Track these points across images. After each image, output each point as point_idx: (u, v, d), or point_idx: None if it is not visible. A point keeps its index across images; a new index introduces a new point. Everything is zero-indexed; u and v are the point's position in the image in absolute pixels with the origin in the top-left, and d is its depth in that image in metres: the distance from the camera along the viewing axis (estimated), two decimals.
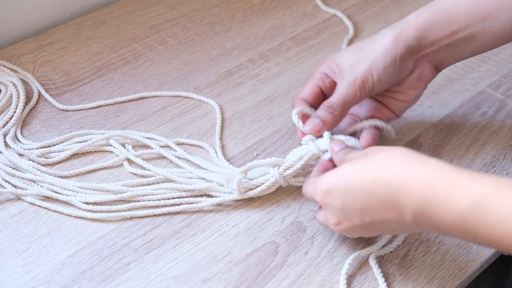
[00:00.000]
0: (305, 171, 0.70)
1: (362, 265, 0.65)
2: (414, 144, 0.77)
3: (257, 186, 0.70)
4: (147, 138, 0.77)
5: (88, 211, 0.70)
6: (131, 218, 0.70)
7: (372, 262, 0.65)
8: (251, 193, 0.70)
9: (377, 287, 0.63)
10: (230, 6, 1.00)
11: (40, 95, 0.85)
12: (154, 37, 0.95)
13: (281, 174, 0.69)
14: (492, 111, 0.81)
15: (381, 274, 0.64)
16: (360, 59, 0.68)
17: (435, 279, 0.64)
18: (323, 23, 0.97)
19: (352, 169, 0.58)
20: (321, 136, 0.70)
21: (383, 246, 0.66)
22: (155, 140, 0.77)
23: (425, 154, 0.56)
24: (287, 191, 0.72)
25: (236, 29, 0.96)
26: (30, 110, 0.83)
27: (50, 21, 0.97)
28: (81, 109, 0.83)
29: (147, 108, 0.83)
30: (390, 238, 0.66)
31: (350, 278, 0.64)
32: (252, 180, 0.70)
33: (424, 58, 0.69)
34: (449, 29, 0.67)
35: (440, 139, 0.78)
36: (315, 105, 0.73)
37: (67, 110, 0.83)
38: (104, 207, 0.70)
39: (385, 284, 0.63)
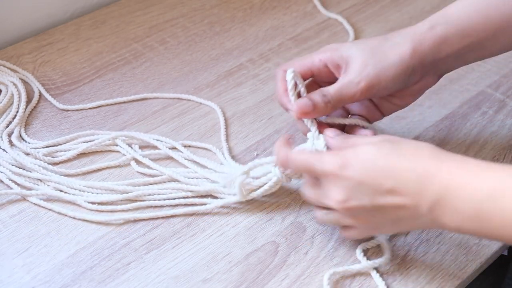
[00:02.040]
0: None
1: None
2: None
3: (260, 187, 0.69)
4: (155, 139, 0.77)
5: (94, 210, 0.70)
6: (135, 220, 0.69)
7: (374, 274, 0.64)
8: (254, 195, 0.69)
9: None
10: (230, 6, 1.00)
11: (40, 95, 0.85)
12: (154, 37, 0.95)
13: (283, 172, 0.67)
14: (492, 111, 0.81)
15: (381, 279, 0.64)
16: (371, 62, 0.66)
17: (435, 279, 0.64)
18: (323, 23, 0.97)
19: (377, 150, 0.57)
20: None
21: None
22: (162, 141, 0.77)
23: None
24: (287, 191, 0.72)
25: (236, 29, 0.96)
26: (31, 110, 0.83)
27: (50, 21, 0.97)
28: (81, 109, 0.83)
29: (147, 108, 0.83)
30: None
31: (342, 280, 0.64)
32: (254, 180, 0.69)
33: (431, 71, 0.68)
34: (462, 42, 0.67)
35: (440, 139, 0.78)
36: None
37: (67, 110, 0.83)
38: (109, 207, 0.70)
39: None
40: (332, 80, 0.68)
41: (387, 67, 0.65)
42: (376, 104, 0.71)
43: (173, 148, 0.77)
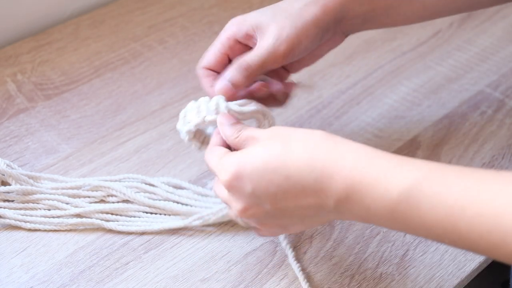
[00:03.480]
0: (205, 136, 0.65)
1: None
2: (413, 143, 0.77)
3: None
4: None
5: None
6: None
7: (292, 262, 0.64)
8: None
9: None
10: (229, 5, 1.00)
11: (39, 94, 0.85)
12: (153, 37, 0.95)
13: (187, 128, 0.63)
14: (491, 111, 0.81)
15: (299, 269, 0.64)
16: (287, 23, 0.62)
17: (434, 278, 0.64)
18: None
19: (267, 152, 0.53)
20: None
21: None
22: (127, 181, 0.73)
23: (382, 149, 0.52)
24: None
25: None
26: (29, 109, 0.83)
27: (49, 21, 0.97)
28: (80, 109, 0.83)
29: (145, 107, 0.83)
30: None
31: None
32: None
33: (341, 30, 0.67)
34: (371, 4, 0.66)
35: (439, 139, 0.78)
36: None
37: (66, 110, 0.83)
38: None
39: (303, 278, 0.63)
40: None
41: (305, 26, 0.63)
42: (285, 66, 0.68)
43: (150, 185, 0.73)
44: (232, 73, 0.63)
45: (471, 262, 0.65)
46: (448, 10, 0.71)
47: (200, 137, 0.65)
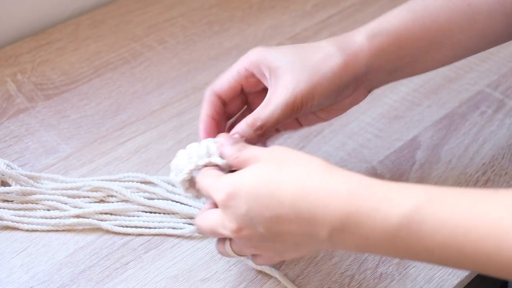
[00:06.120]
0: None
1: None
2: (413, 143, 0.77)
3: None
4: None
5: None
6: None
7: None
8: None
9: None
10: (229, 5, 1.00)
11: (39, 94, 0.85)
12: (153, 37, 0.95)
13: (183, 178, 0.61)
14: (491, 111, 0.81)
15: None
16: (303, 76, 0.59)
17: (434, 278, 0.64)
18: (322, 23, 0.97)
19: (263, 175, 0.52)
20: None
21: None
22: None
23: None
24: None
25: (235, 28, 0.96)
26: (29, 109, 0.83)
27: (49, 21, 0.97)
28: (80, 109, 0.83)
29: (146, 107, 0.83)
30: None
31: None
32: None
33: (363, 85, 0.63)
34: (397, 54, 0.61)
35: (439, 139, 0.78)
36: (230, 103, 0.65)
37: (66, 110, 0.83)
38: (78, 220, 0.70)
39: None
40: (259, 88, 0.64)
41: (321, 81, 0.59)
42: (299, 120, 0.66)
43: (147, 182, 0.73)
44: (243, 128, 0.60)
45: None
46: (480, 46, 0.66)
47: (190, 183, 0.62)
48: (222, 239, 0.59)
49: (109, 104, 0.84)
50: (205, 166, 0.59)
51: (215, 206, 0.57)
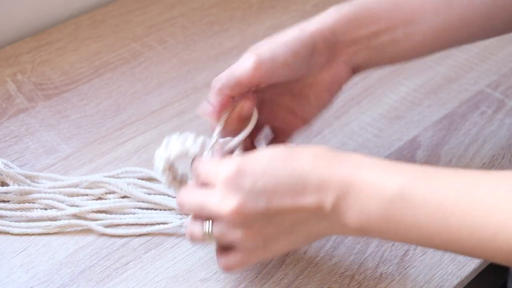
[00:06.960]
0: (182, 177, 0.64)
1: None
2: (413, 143, 0.77)
3: None
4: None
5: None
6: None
7: None
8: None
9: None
10: (229, 5, 1.00)
11: (39, 94, 0.85)
12: (153, 37, 0.95)
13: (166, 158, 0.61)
14: (491, 111, 0.81)
15: None
16: (265, 40, 0.61)
17: (434, 278, 0.64)
18: None
19: (271, 151, 0.54)
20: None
21: None
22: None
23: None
24: None
25: (235, 28, 0.96)
26: (29, 109, 0.83)
27: (49, 21, 0.97)
28: (80, 109, 0.83)
29: (146, 107, 0.83)
30: None
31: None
32: None
33: (340, 58, 0.63)
34: (369, 28, 0.62)
35: (439, 139, 0.78)
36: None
37: (66, 110, 0.83)
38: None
39: None
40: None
41: (284, 41, 0.60)
42: (294, 110, 0.66)
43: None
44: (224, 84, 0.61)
45: (471, 262, 0.65)
46: (462, 35, 0.66)
47: (174, 172, 0.63)
48: (199, 220, 0.57)
49: (109, 104, 0.84)
50: (192, 155, 0.60)
51: (202, 186, 0.57)
